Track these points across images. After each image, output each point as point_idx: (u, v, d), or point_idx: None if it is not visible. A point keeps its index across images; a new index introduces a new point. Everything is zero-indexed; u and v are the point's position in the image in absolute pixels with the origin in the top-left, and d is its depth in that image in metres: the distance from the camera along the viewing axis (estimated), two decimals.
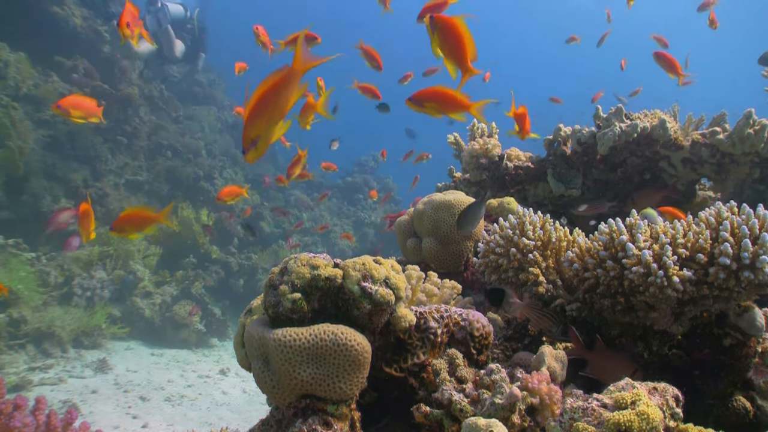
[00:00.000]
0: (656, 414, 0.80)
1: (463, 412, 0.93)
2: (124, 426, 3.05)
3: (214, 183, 6.81)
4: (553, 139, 2.11)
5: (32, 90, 4.93)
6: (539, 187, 2.18)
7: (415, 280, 1.29)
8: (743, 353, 1.13)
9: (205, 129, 7.54)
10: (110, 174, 5.48)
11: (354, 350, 0.92)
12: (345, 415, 0.93)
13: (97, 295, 4.44)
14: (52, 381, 3.41)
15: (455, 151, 2.41)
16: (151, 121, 6.21)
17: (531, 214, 1.29)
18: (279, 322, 0.97)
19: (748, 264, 1.01)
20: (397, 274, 1.03)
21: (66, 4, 5.51)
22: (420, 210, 1.71)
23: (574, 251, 1.21)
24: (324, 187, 9.46)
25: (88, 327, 4.12)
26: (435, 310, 1.10)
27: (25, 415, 1.02)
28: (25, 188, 4.46)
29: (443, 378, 1.03)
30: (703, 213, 1.11)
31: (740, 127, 1.78)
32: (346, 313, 0.99)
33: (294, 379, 0.91)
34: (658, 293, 1.05)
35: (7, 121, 4.38)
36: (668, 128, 1.86)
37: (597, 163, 2.04)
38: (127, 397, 3.45)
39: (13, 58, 4.90)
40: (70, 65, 5.49)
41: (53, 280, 4.20)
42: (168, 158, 6.29)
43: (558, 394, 0.91)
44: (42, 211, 4.48)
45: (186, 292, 5.26)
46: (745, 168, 1.88)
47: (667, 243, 1.06)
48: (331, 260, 1.03)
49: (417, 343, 1.06)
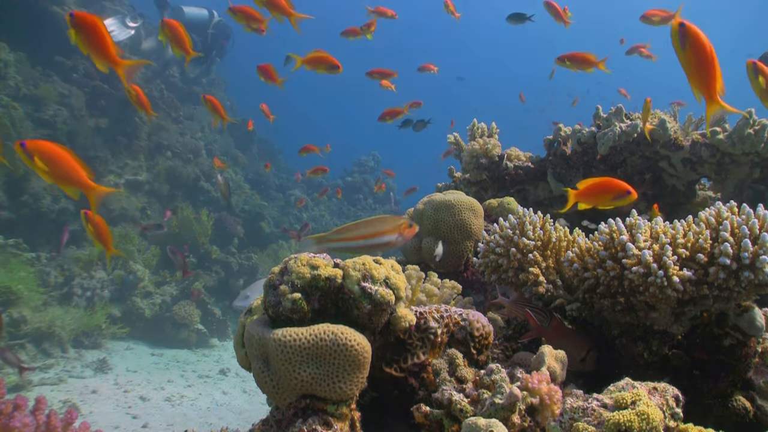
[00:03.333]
0: (656, 414, 0.80)
1: (463, 412, 0.93)
2: (124, 426, 3.05)
3: (214, 183, 6.82)
4: (553, 139, 2.11)
5: (32, 90, 4.93)
6: (539, 187, 2.18)
7: (415, 280, 1.29)
8: (743, 353, 1.13)
9: (205, 129, 7.54)
10: (110, 174, 5.48)
11: (354, 350, 0.92)
12: (345, 415, 0.93)
13: (97, 295, 4.44)
14: (52, 381, 3.41)
15: (455, 151, 2.41)
16: (151, 121, 6.21)
17: (531, 214, 1.29)
18: (279, 322, 0.97)
19: (748, 264, 1.01)
20: (397, 274, 1.03)
21: (66, 4, 5.51)
22: (420, 210, 1.71)
23: (574, 251, 1.21)
24: (324, 187, 9.47)
25: (88, 327, 4.12)
26: (435, 310, 1.10)
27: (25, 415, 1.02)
28: (25, 188, 4.46)
29: (443, 378, 1.03)
30: (703, 213, 1.11)
31: (740, 127, 1.78)
32: (347, 313, 0.99)
33: (294, 379, 0.91)
34: (658, 293, 1.05)
35: (7, 121, 4.38)
36: (668, 128, 1.86)
37: (597, 163, 2.04)
38: (127, 397, 3.45)
39: (13, 58, 4.90)
40: (70, 65, 5.49)
41: (53, 280, 4.20)
42: (168, 158, 6.29)
43: (558, 394, 0.91)
44: (42, 211, 4.48)
45: (186, 292, 5.26)
46: (745, 168, 1.88)
47: (667, 243, 1.06)
48: (331, 260, 1.03)
49: (417, 343, 1.06)
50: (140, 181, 5.80)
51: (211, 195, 6.65)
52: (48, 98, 4.98)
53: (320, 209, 8.58)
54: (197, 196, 6.47)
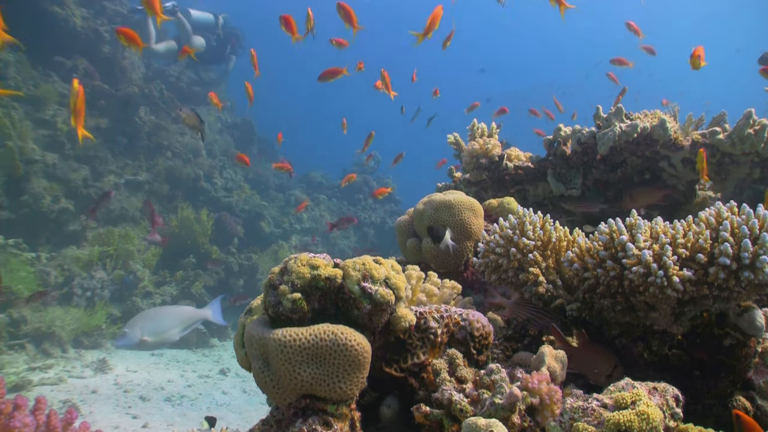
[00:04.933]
0: (656, 414, 0.80)
1: (463, 412, 0.93)
2: (124, 426, 3.04)
3: (214, 183, 6.82)
4: (553, 139, 2.11)
5: (32, 90, 4.93)
6: (539, 187, 2.18)
7: (415, 280, 1.29)
8: (743, 353, 1.13)
9: (205, 129, 7.54)
10: (110, 174, 5.48)
11: (354, 350, 0.92)
12: (345, 415, 0.93)
13: (97, 295, 4.44)
14: (52, 381, 3.41)
15: (455, 151, 2.41)
16: (151, 121, 6.22)
17: (531, 214, 1.29)
18: (279, 322, 0.97)
19: (748, 264, 1.01)
20: (397, 274, 1.03)
21: (66, 4, 5.51)
22: (420, 210, 1.71)
23: (574, 251, 1.21)
24: (324, 187, 9.46)
25: (88, 327, 4.12)
26: (435, 310, 1.10)
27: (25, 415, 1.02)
28: (25, 188, 4.46)
29: (443, 378, 1.03)
30: (703, 213, 1.10)
31: (740, 127, 1.78)
32: (346, 313, 0.99)
33: (294, 379, 0.91)
34: (658, 293, 1.05)
35: (7, 121, 4.38)
36: (668, 128, 1.86)
37: (597, 163, 2.04)
38: (127, 397, 3.45)
39: (13, 58, 4.90)
40: (70, 65, 5.49)
41: (53, 280, 4.20)
42: (168, 158, 6.29)
43: (558, 394, 0.91)
44: (42, 211, 4.48)
45: (186, 292, 5.26)
46: (745, 168, 1.88)
47: (667, 243, 1.06)
48: (331, 260, 1.03)
49: (417, 343, 1.06)
50: (140, 181, 5.80)
51: (211, 195, 6.65)
52: (48, 98, 4.98)
53: (320, 209, 8.57)
54: (197, 196, 6.47)
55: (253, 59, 4.09)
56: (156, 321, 2.78)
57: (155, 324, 2.75)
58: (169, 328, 2.79)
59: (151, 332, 2.70)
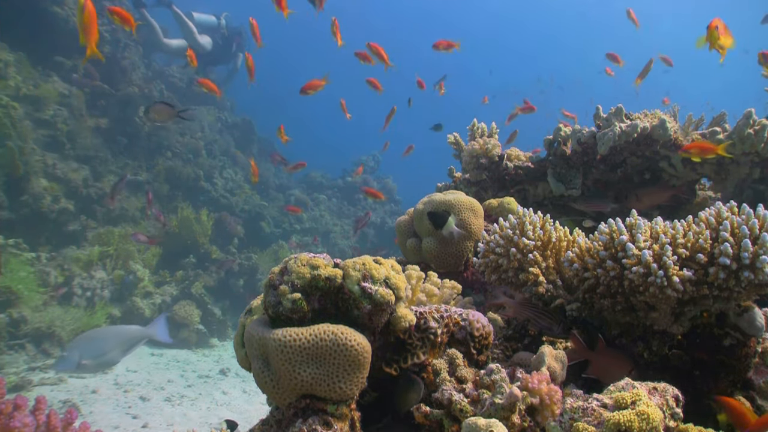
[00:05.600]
0: (656, 414, 0.80)
1: (463, 412, 0.93)
2: (124, 426, 3.04)
3: (214, 183, 6.82)
4: (553, 139, 2.11)
5: (32, 90, 4.93)
6: (539, 187, 2.18)
7: (415, 280, 1.29)
8: (743, 353, 1.13)
9: (205, 129, 7.54)
10: (110, 174, 5.48)
11: (354, 350, 0.91)
12: (345, 415, 0.93)
13: (97, 295, 4.44)
14: (52, 381, 3.41)
15: (455, 151, 2.41)
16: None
17: (531, 214, 1.29)
18: (279, 322, 0.97)
19: (748, 264, 1.01)
20: (397, 274, 1.03)
21: (66, 4, 5.51)
22: (420, 210, 1.71)
23: (574, 251, 1.21)
24: (324, 187, 9.46)
25: (88, 327, 4.11)
26: (435, 310, 1.10)
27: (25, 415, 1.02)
28: (25, 188, 4.46)
29: (443, 378, 1.03)
30: (703, 213, 1.11)
31: (740, 127, 1.78)
32: (346, 313, 0.99)
33: (294, 379, 0.91)
34: (658, 293, 1.05)
35: (7, 121, 4.38)
36: (668, 128, 1.86)
37: (597, 163, 2.04)
38: (127, 397, 3.45)
39: (13, 58, 4.90)
40: (70, 65, 5.49)
41: (53, 280, 4.20)
42: (168, 158, 6.29)
43: (558, 394, 0.91)
44: (42, 211, 4.48)
45: (186, 292, 5.26)
46: (745, 168, 1.88)
47: (667, 243, 1.06)
48: (331, 260, 1.03)
49: (417, 343, 1.06)
50: (140, 181, 5.80)
51: (211, 195, 6.65)
52: (48, 98, 4.98)
53: (320, 209, 8.57)
54: (197, 196, 6.47)
55: (248, 62, 4.09)
56: (95, 343, 2.67)
57: (94, 346, 2.65)
58: (108, 351, 2.68)
59: (90, 355, 2.61)
